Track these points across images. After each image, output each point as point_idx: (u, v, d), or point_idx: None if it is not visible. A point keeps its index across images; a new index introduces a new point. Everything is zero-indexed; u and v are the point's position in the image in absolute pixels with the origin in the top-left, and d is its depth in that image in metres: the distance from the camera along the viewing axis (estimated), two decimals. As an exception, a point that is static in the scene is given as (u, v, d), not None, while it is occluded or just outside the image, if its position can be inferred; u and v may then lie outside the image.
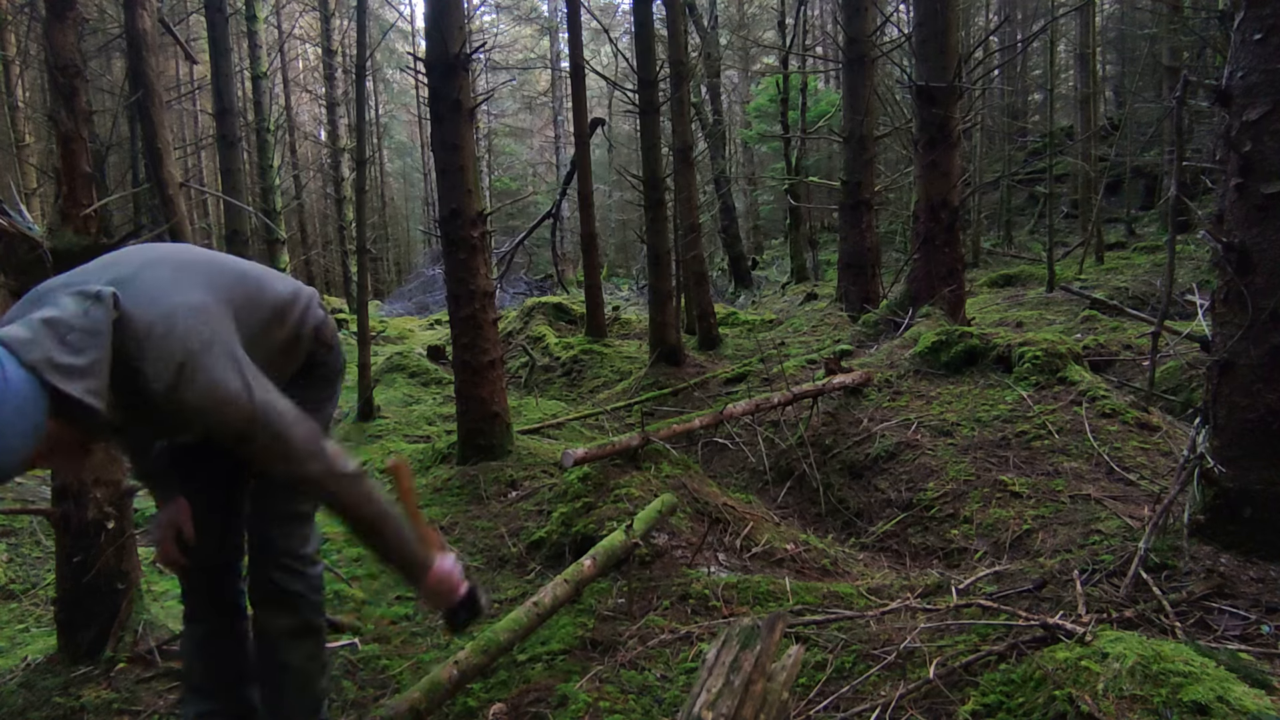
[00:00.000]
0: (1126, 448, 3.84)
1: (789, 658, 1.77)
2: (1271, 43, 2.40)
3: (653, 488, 3.58)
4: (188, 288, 1.42)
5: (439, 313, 18.57)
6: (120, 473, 2.51)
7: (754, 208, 25.23)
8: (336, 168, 19.37)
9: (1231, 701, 1.52)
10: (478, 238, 4.58)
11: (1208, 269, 9.49)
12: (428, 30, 4.64)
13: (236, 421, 1.36)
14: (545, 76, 30.78)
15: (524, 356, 10.33)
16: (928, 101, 6.25)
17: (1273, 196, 2.39)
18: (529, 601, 2.43)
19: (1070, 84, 19.93)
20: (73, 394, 1.19)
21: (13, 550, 3.60)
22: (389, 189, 31.49)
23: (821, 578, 3.09)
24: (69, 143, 2.39)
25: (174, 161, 4.66)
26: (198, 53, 13.25)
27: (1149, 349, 4.05)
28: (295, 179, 21.19)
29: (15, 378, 1.14)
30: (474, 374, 4.59)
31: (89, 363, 1.22)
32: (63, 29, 2.38)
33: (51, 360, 1.19)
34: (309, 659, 1.83)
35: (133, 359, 1.28)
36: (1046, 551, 3.02)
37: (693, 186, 9.12)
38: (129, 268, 1.39)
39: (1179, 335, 4.83)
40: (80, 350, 1.22)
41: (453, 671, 2.07)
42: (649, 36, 8.49)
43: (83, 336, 1.23)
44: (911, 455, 4.27)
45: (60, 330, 1.22)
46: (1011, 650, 1.96)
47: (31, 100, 12.94)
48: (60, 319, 1.24)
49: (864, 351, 6.37)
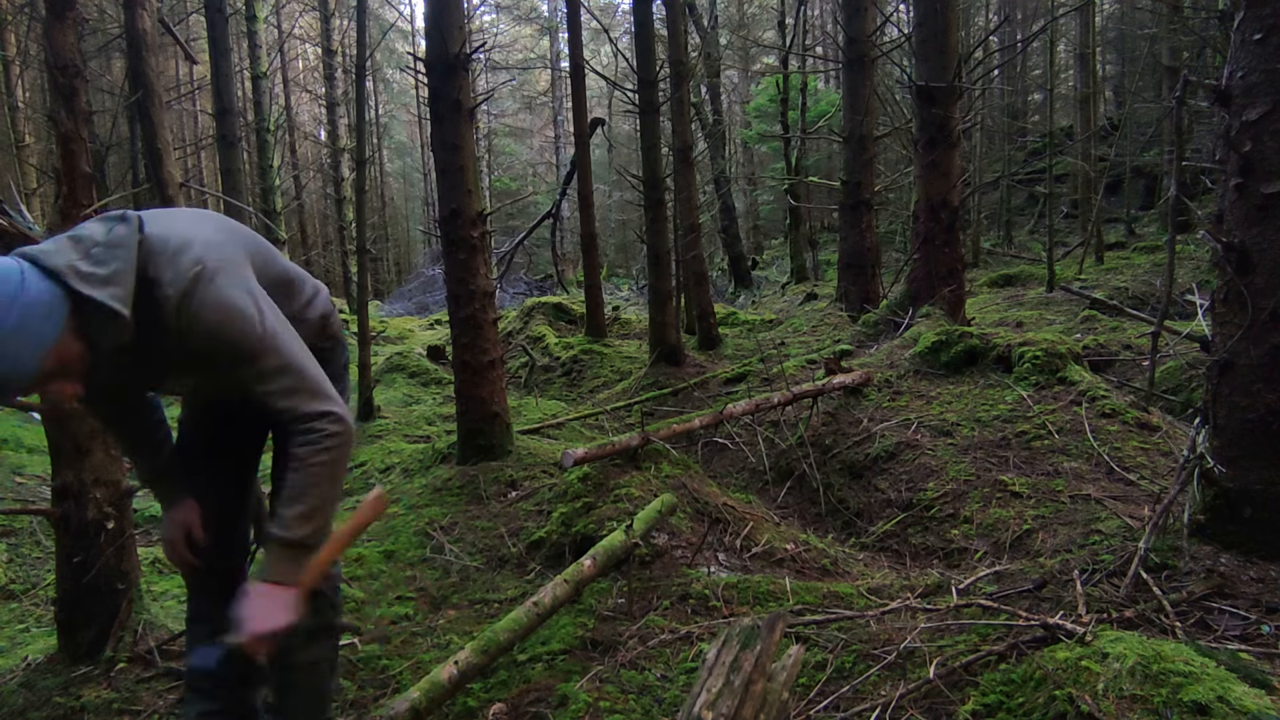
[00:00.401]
0: (1126, 448, 3.84)
1: (789, 658, 1.77)
2: (1271, 43, 2.40)
3: (653, 488, 3.58)
4: (210, 229, 1.47)
5: (439, 313, 18.57)
6: (120, 473, 2.51)
7: (754, 208, 25.23)
8: (336, 168, 19.36)
9: (1231, 701, 1.52)
10: (478, 238, 4.58)
11: (1208, 269, 9.49)
12: (428, 30, 4.64)
13: (247, 340, 1.36)
14: (545, 76, 30.80)
15: (524, 356, 10.33)
16: (928, 101, 6.25)
17: (1273, 196, 2.39)
18: (529, 601, 2.43)
19: (1070, 84, 19.92)
20: (96, 297, 1.22)
21: (13, 550, 3.60)
22: (389, 189, 31.50)
23: (821, 578, 3.09)
24: (69, 143, 2.39)
25: (174, 161, 4.66)
26: (198, 53, 13.26)
27: (1149, 349, 4.05)
28: (295, 179, 21.20)
29: (35, 286, 1.17)
30: (474, 374, 4.58)
31: (113, 272, 1.26)
32: (63, 29, 2.38)
33: (76, 268, 1.22)
34: (320, 659, 1.84)
35: (150, 271, 1.32)
36: (1046, 551, 3.02)
37: (693, 186, 9.12)
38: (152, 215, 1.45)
39: (1179, 335, 4.83)
40: (104, 262, 1.26)
41: (453, 671, 2.07)
42: (649, 36, 8.49)
43: (107, 250, 1.27)
44: (911, 455, 4.27)
45: (85, 244, 1.27)
46: (1011, 650, 1.96)
47: (31, 100, 12.94)
48: (85, 235, 1.29)
49: (864, 351, 6.37)
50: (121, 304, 1.25)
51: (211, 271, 1.35)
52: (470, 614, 3.00)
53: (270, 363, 1.39)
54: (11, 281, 1.15)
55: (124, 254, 1.29)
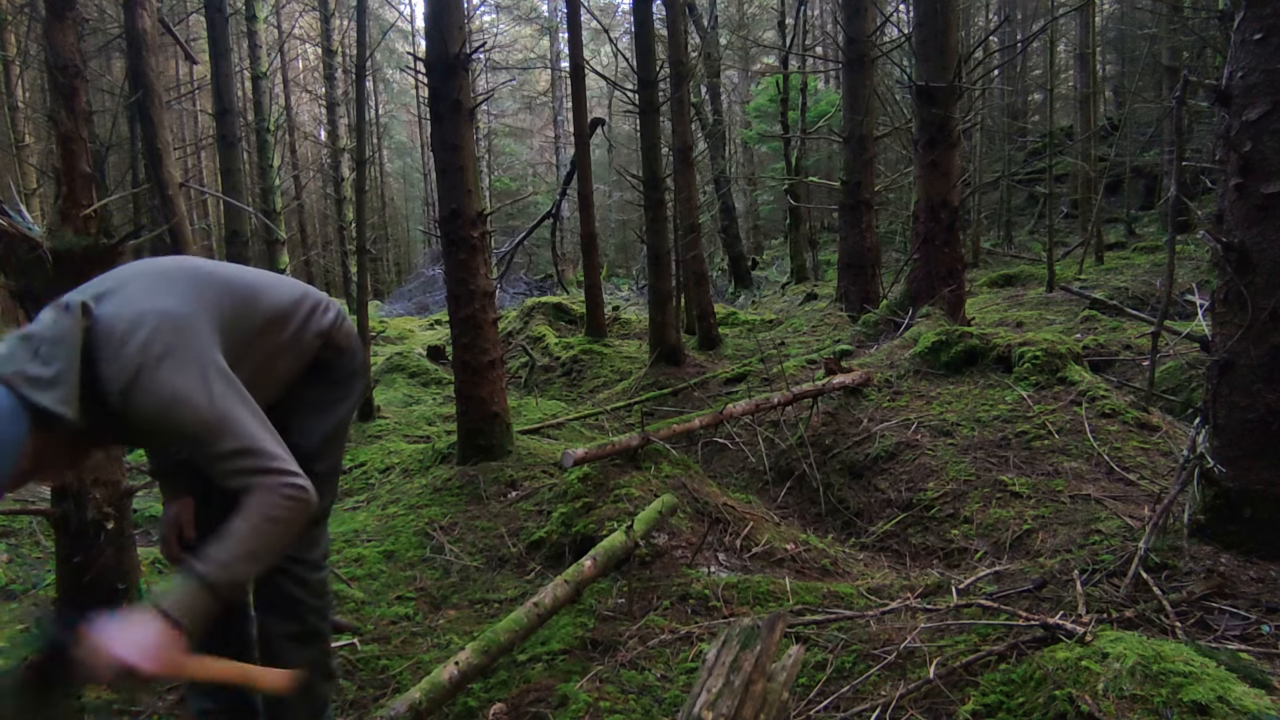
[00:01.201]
0: (1126, 448, 3.84)
1: (789, 658, 1.77)
2: (1271, 43, 2.40)
3: (653, 488, 3.58)
4: (165, 294, 1.43)
5: (439, 313, 18.58)
6: (120, 473, 2.51)
7: (754, 208, 25.23)
8: (336, 168, 19.34)
9: (1231, 701, 1.52)
10: (478, 238, 4.58)
11: (1208, 269, 9.49)
12: (428, 30, 4.64)
13: (193, 426, 1.34)
14: (545, 76, 30.79)
15: (524, 356, 10.33)
16: (928, 101, 6.25)
17: (1273, 196, 2.39)
18: (529, 602, 2.43)
19: (1070, 84, 19.92)
20: (41, 404, 1.24)
21: (13, 550, 3.60)
22: (389, 189, 31.49)
23: (821, 578, 3.09)
24: (69, 143, 2.39)
25: (174, 161, 4.66)
26: (198, 53, 13.25)
27: (1149, 349, 4.05)
28: (295, 179, 21.18)
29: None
30: (474, 374, 4.59)
31: (56, 373, 1.27)
32: (63, 29, 2.38)
33: (24, 373, 1.26)
34: (310, 664, 1.82)
35: (97, 362, 1.32)
36: (1046, 551, 3.02)
37: (693, 186, 9.12)
38: (119, 280, 1.44)
39: (1179, 335, 4.84)
40: (48, 361, 1.28)
41: (453, 671, 2.07)
42: (649, 36, 8.49)
43: (51, 347, 1.29)
44: (911, 455, 4.27)
45: (34, 344, 1.29)
46: (1011, 650, 1.96)
47: (31, 100, 12.94)
48: (35, 333, 1.31)
49: (864, 351, 6.37)
50: (66, 406, 1.26)
51: (156, 360, 1.32)
52: (470, 614, 3.00)
53: (223, 445, 1.36)
54: None
55: (65, 351, 1.29)
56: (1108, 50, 19.33)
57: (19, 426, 1.22)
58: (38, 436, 1.25)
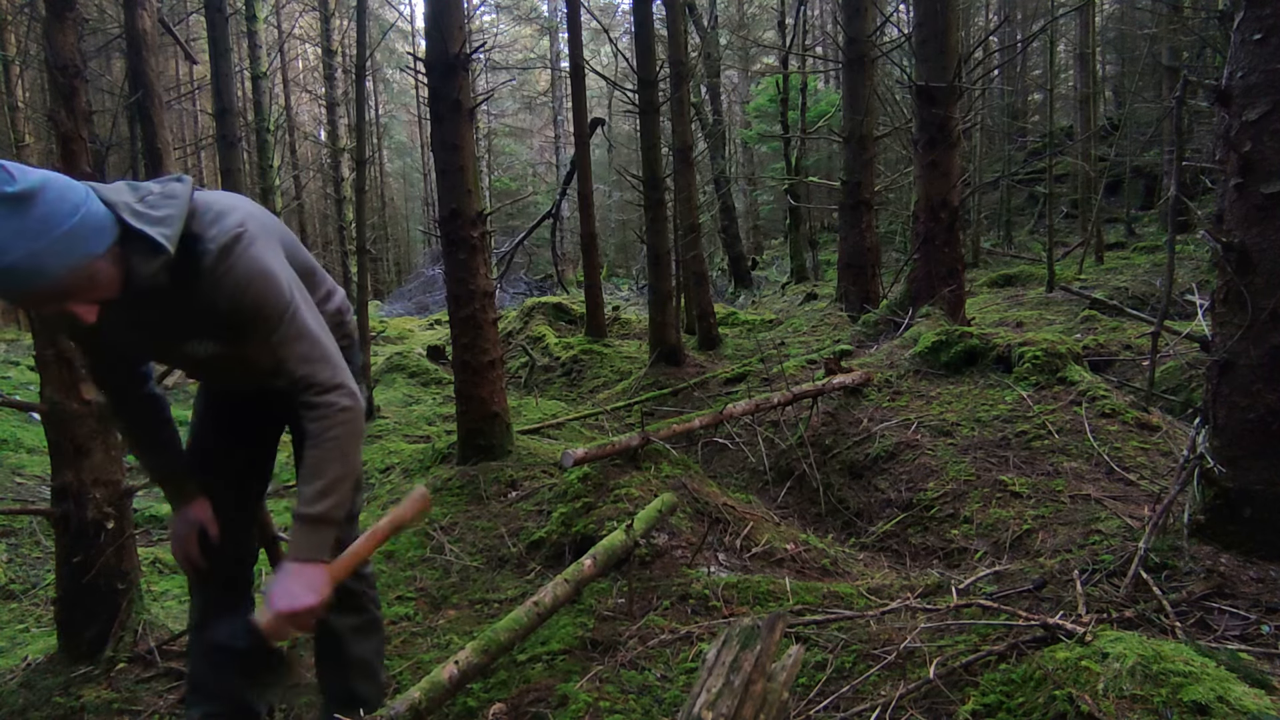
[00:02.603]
0: (1126, 448, 3.84)
1: (789, 658, 1.77)
2: (1271, 43, 2.40)
3: (653, 488, 3.58)
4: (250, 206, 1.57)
5: (439, 313, 18.58)
6: (120, 473, 2.51)
7: (754, 208, 25.23)
8: (336, 168, 19.32)
9: (1231, 701, 1.52)
10: (478, 238, 4.58)
11: (1208, 269, 9.49)
12: (428, 30, 4.63)
13: (273, 303, 1.43)
14: (545, 76, 30.79)
15: (524, 356, 10.33)
16: (928, 101, 6.25)
17: (1273, 196, 2.39)
18: (529, 601, 2.43)
19: (1070, 84, 19.92)
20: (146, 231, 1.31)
21: (13, 550, 3.61)
22: (389, 189, 31.49)
23: (821, 578, 3.09)
24: (69, 143, 2.39)
25: (174, 161, 4.66)
26: (197, 53, 13.26)
27: (1149, 349, 4.05)
28: (295, 179, 21.18)
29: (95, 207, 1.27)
30: (474, 374, 4.58)
31: (164, 215, 1.35)
32: (63, 29, 2.38)
33: (130, 205, 1.33)
34: (374, 651, 1.95)
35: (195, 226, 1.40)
36: (1046, 551, 3.02)
37: (693, 186, 9.12)
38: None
39: (1179, 335, 4.84)
40: (157, 207, 1.36)
41: (453, 671, 2.07)
42: (649, 36, 8.49)
43: (161, 199, 1.38)
44: (911, 455, 4.27)
45: (140, 191, 1.38)
46: (1011, 650, 1.96)
47: (31, 100, 12.94)
48: (141, 185, 1.40)
49: (864, 351, 6.37)
50: (168, 241, 1.33)
51: (251, 236, 1.43)
52: (470, 614, 3.00)
53: (292, 329, 1.45)
54: (79, 191, 1.26)
55: (177, 204, 1.38)
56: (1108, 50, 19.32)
57: (103, 239, 1.27)
58: (109, 261, 1.29)
